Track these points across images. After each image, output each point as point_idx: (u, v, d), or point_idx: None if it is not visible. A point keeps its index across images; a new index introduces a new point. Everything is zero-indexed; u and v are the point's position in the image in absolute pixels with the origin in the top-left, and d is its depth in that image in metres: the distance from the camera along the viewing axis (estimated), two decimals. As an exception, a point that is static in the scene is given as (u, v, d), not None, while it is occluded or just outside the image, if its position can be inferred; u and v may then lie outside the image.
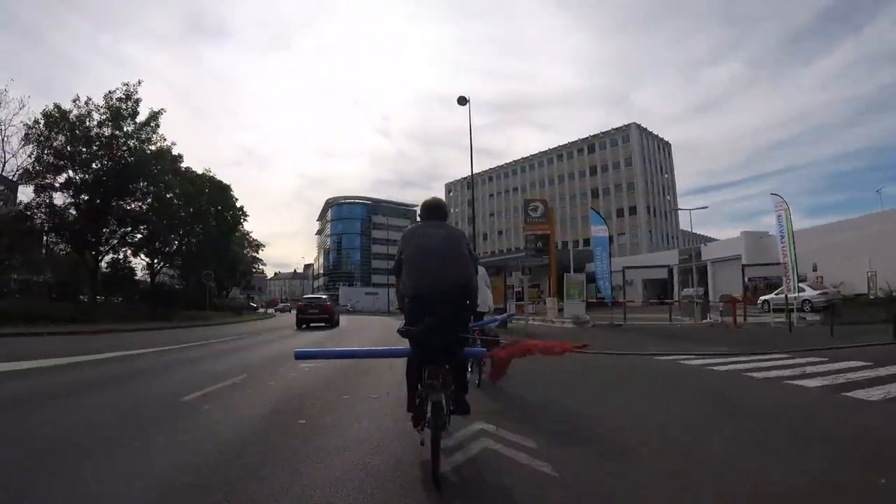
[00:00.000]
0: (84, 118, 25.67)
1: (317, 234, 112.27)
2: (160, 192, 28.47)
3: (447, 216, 3.49)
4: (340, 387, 5.81)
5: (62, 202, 26.22)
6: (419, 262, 3.05)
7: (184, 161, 31.05)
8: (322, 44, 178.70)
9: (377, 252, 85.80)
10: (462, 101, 23.73)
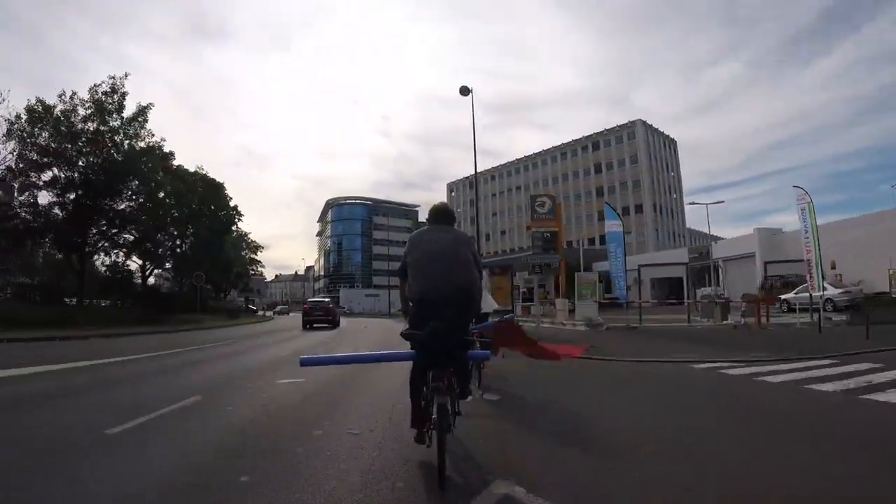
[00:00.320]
0: (69, 113, 24.62)
1: (317, 236, 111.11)
2: (151, 191, 27.36)
3: (454, 221, 3.44)
4: (314, 414, 4.56)
5: (47, 201, 25.18)
6: (425, 267, 3.07)
7: (175, 158, 30.10)
8: (322, 44, 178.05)
9: (378, 253, 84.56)
10: (465, 92, 22.58)
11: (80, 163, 25.06)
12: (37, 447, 3.58)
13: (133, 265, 31.67)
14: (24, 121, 23.59)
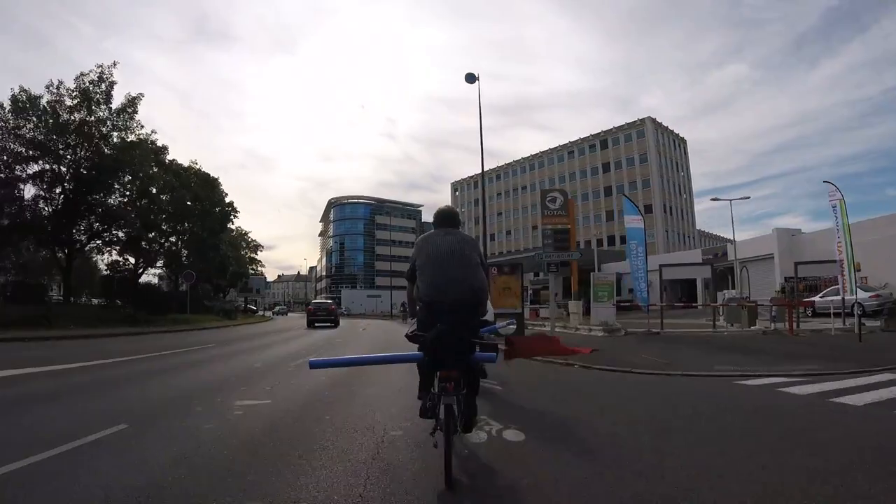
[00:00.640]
0: (55, 104, 23.43)
1: (319, 236, 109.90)
2: (142, 186, 26.12)
3: (459, 224, 3.48)
4: (267, 466, 3.16)
5: (31, 196, 23.95)
6: (433, 269, 3.13)
7: (168, 153, 28.85)
8: (326, 47, 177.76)
9: (381, 253, 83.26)
10: (470, 79, 21.31)
11: (68, 156, 23.88)
12: None
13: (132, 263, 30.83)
14: (8, 111, 22.45)
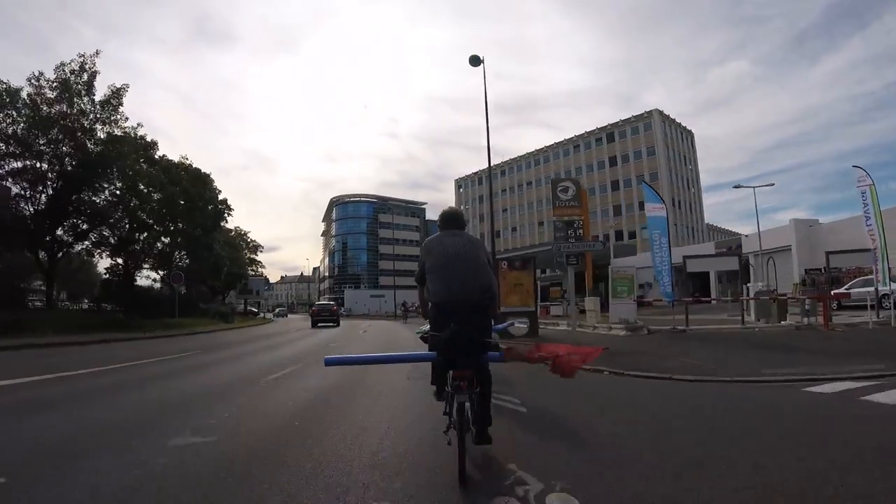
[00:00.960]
0: (36, 97, 22.16)
1: (322, 236, 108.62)
2: (128, 183, 24.80)
3: (465, 225, 3.52)
4: None
5: (12, 195, 22.66)
6: (442, 271, 3.17)
7: (158, 148, 27.55)
8: (328, 48, 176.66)
9: (384, 252, 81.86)
10: (475, 62, 19.89)
11: (47, 151, 22.58)
12: None
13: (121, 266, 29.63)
14: (-14, 105, 21.18)
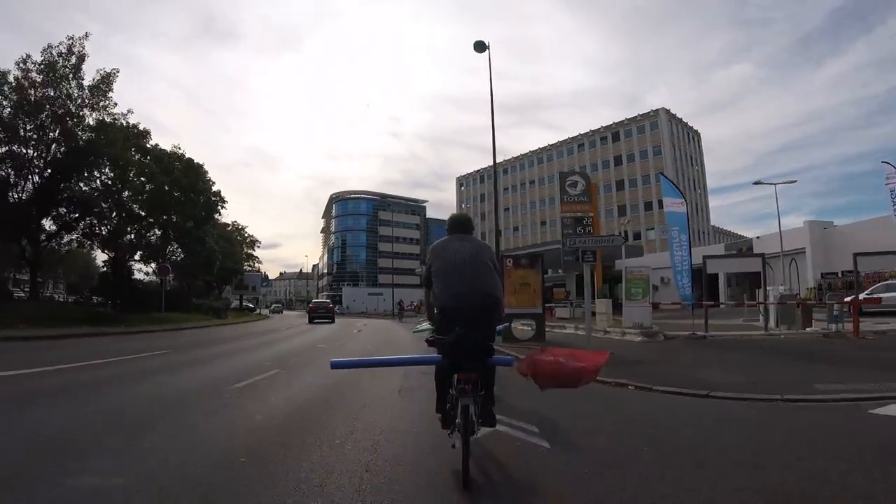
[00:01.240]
0: (23, 80, 21.16)
1: (321, 232, 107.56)
2: (117, 172, 23.78)
3: (472, 230, 3.59)
4: None
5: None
6: (449, 275, 3.18)
7: (151, 138, 26.48)
8: (332, 45, 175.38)
9: (384, 250, 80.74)
10: (480, 48, 18.94)
11: (34, 136, 21.58)
12: None
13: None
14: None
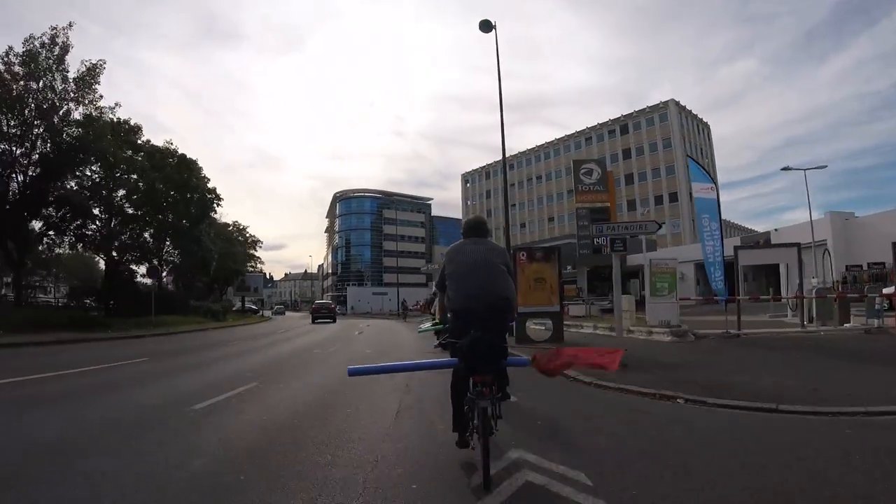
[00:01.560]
0: (6, 74, 20.09)
1: (326, 232, 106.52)
2: (106, 170, 22.71)
3: (488, 233, 3.56)
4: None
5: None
6: (462, 279, 3.22)
7: (143, 133, 25.37)
8: (333, 46, 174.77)
9: (388, 249, 79.48)
10: (486, 27, 17.60)
11: (16, 133, 20.51)
12: None
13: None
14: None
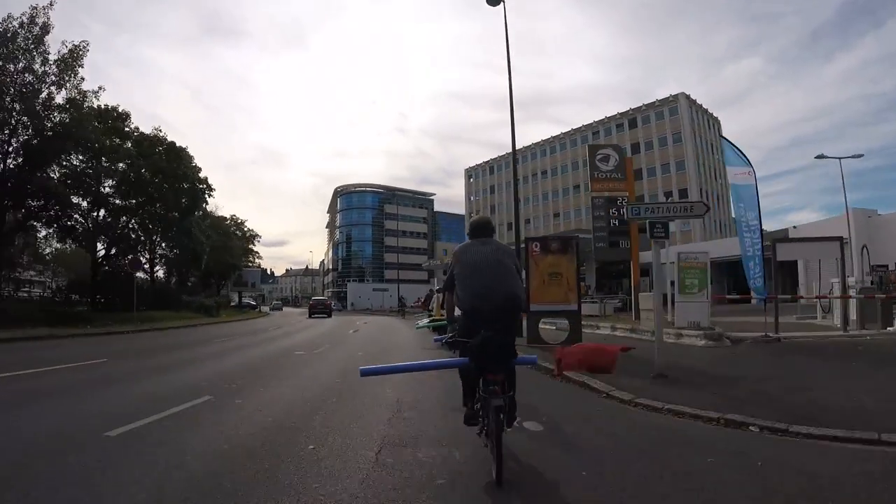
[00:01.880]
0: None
1: (326, 227, 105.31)
2: (91, 159, 21.45)
3: (494, 232, 3.56)
4: None
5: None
6: (469, 279, 3.21)
7: (131, 120, 24.09)
8: (336, 43, 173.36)
9: (390, 244, 78.17)
10: (493, 0, 16.21)
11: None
12: None
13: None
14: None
